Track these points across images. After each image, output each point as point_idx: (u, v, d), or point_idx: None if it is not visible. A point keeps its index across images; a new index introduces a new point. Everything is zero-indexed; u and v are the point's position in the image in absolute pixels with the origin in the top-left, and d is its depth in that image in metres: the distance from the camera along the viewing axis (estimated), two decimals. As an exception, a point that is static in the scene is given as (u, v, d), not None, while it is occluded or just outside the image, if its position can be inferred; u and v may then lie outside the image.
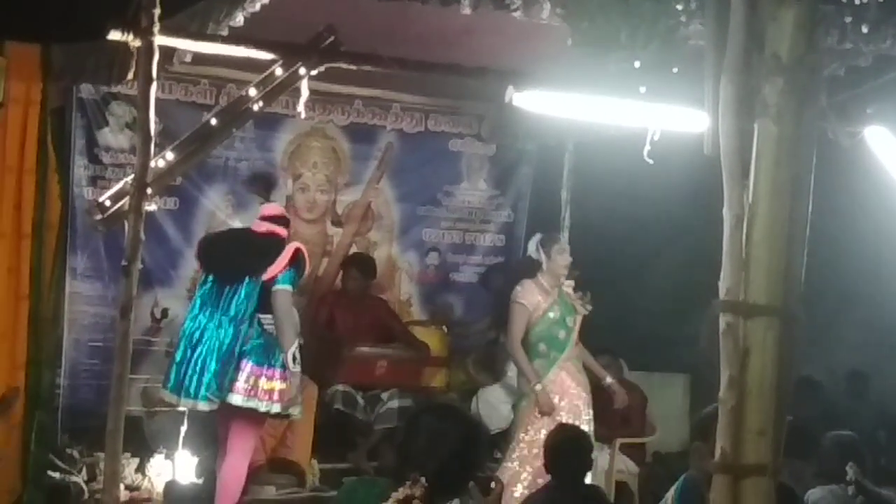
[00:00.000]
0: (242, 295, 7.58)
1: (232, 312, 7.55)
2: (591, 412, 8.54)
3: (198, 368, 7.45)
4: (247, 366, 7.50)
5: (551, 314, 8.58)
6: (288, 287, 7.59)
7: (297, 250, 7.76)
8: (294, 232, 10.03)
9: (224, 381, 7.44)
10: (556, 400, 8.38)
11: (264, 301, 7.58)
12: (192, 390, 7.44)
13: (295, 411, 7.70)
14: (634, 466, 9.55)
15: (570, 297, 8.72)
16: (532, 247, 8.69)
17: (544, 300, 8.57)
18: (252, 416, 7.61)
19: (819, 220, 4.00)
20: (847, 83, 7.63)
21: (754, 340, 3.75)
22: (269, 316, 7.60)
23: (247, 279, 7.56)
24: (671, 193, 9.83)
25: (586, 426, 8.33)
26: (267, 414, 7.60)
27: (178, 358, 7.55)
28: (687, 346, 10.08)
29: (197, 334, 7.55)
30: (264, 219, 7.79)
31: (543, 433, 7.80)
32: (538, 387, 8.37)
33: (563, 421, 8.18)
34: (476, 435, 4.20)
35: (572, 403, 8.46)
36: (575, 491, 6.75)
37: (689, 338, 9.25)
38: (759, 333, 3.75)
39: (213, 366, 7.44)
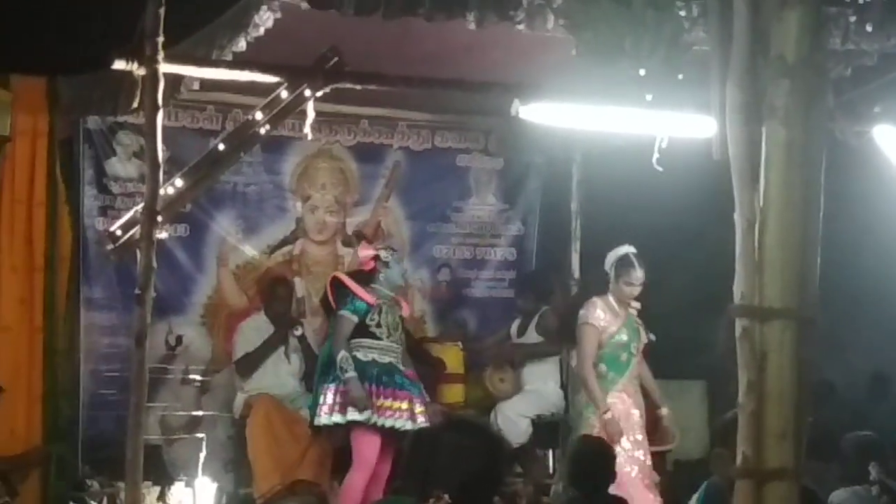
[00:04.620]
0: None
1: None
2: (644, 436, 8.42)
3: None
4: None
5: (620, 337, 8.48)
6: (342, 313, 8.59)
7: (332, 280, 8.83)
8: (304, 253, 10.10)
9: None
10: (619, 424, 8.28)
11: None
12: None
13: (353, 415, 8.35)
14: (656, 475, 9.50)
15: (637, 321, 8.65)
16: (608, 261, 8.57)
17: (613, 321, 8.47)
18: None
19: (830, 220, 3.98)
20: (853, 83, 7.62)
21: (771, 344, 3.74)
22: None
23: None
24: (682, 200, 9.81)
25: (640, 450, 8.31)
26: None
27: None
28: (703, 353, 10.08)
29: None
30: None
31: None
32: (607, 415, 8.23)
33: (626, 445, 8.19)
34: (498, 450, 4.20)
35: (630, 426, 8.35)
36: (599, 502, 6.68)
37: (706, 344, 9.27)
38: (775, 337, 3.73)
39: None
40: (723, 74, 3.96)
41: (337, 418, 8.32)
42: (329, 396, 8.38)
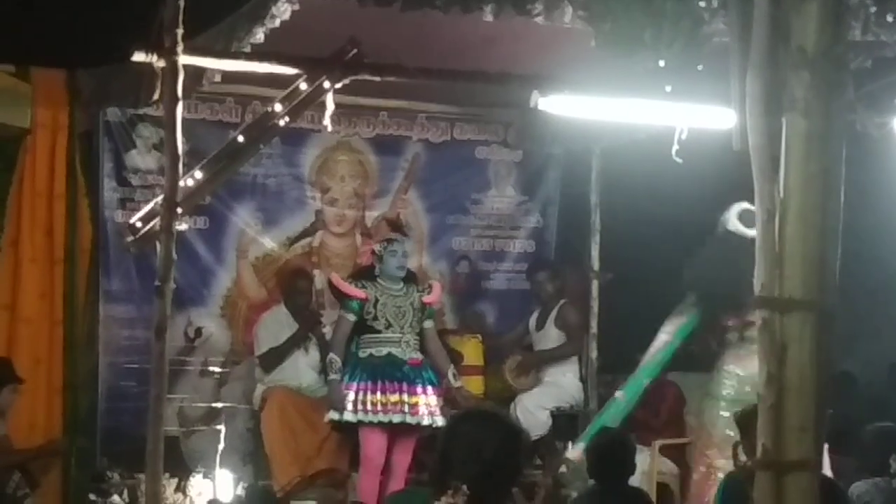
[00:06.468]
0: None
1: None
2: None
3: None
4: None
5: None
6: (339, 313, 8.76)
7: (328, 281, 9.01)
8: (324, 245, 10.11)
9: None
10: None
11: None
12: None
13: (333, 416, 8.45)
14: (675, 468, 9.50)
15: None
16: (732, 218, 8.38)
17: None
18: None
19: (850, 211, 3.97)
20: (874, 74, 7.59)
21: (791, 335, 3.72)
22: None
23: None
24: (701, 192, 9.78)
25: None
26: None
27: None
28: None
29: None
30: None
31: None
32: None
33: None
34: (517, 441, 4.18)
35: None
36: (620, 494, 6.69)
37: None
38: (795, 328, 3.72)
39: None
40: (742, 66, 3.94)
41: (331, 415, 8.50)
42: None
